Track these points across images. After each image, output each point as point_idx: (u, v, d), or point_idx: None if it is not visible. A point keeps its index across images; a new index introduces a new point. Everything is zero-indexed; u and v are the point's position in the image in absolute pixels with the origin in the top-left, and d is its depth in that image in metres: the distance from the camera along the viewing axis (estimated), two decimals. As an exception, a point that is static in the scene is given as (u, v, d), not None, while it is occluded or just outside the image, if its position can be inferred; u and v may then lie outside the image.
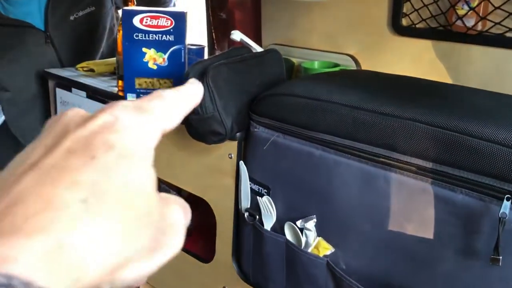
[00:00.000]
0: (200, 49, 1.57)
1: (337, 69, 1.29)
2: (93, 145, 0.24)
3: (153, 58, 1.11)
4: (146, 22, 1.09)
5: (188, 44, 1.62)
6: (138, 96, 1.14)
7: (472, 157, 0.65)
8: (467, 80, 1.13)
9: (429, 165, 0.69)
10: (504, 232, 0.62)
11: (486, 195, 0.64)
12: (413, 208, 0.71)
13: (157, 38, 1.10)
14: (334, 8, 1.33)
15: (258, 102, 0.91)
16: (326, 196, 0.82)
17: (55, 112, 1.49)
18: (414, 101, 0.78)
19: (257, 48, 1.41)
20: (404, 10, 1.19)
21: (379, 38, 1.26)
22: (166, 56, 1.11)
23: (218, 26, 1.63)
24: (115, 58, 1.38)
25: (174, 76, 1.13)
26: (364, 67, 1.32)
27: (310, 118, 0.82)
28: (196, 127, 0.92)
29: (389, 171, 0.73)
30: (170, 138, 1.12)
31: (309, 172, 0.84)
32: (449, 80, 1.16)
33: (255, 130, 0.91)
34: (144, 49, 1.10)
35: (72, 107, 0.28)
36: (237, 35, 1.36)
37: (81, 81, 1.37)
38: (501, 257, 0.62)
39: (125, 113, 0.26)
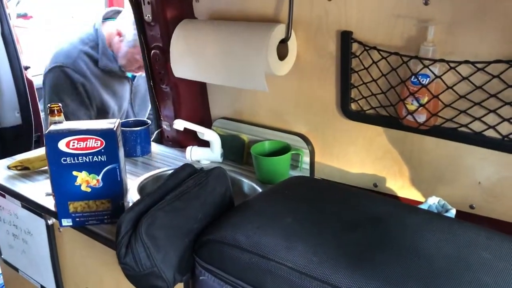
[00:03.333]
0: (145, 130, 1.47)
1: (288, 155, 1.22)
2: None
3: (85, 180, 1.01)
4: (73, 145, 0.98)
5: (131, 121, 1.53)
6: (74, 221, 1.04)
7: None
8: (422, 168, 1.08)
9: None
10: None
11: None
12: None
13: (87, 160, 1.00)
14: (278, 88, 1.26)
15: (202, 247, 0.83)
16: None
17: (-8, 214, 1.37)
18: (367, 259, 0.71)
19: (204, 131, 1.33)
20: (352, 95, 1.13)
21: (330, 120, 1.20)
22: (100, 177, 1.01)
23: (163, 98, 1.53)
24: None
25: (111, 196, 1.03)
26: (316, 147, 1.26)
27: (258, 278, 0.75)
28: (134, 283, 0.84)
29: None
30: (113, 264, 1.03)
31: (262, 331, 0.76)
32: (404, 166, 1.11)
33: (201, 278, 0.83)
34: (74, 173, 1.00)
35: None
36: (179, 124, 1.28)
37: (14, 186, 1.25)
38: None
39: None
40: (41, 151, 1.41)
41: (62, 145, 0.98)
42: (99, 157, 1.00)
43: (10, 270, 1.39)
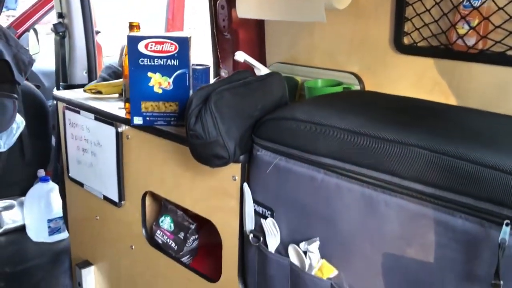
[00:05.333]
0: (206, 69, 1.59)
1: (339, 88, 1.31)
2: None
3: (158, 82, 1.13)
4: (151, 48, 1.11)
5: (193, 65, 1.65)
6: (144, 120, 1.16)
7: (471, 183, 0.66)
8: (469, 97, 1.14)
9: (429, 190, 0.69)
10: (504, 257, 0.62)
11: (486, 220, 0.65)
12: (413, 232, 0.72)
13: (162, 63, 1.12)
14: (334, 27, 1.35)
15: (261, 126, 0.93)
16: (329, 219, 0.82)
17: (64, 133, 1.52)
18: (414, 126, 0.79)
19: (261, 68, 1.43)
20: (406, 29, 1.20)
21: (382, 56, 1.28)
22: (171, 80, 1.13)
23: (223, 46, 1.66)
24: (122, 80, 1.41)
25: (179, 99, 1.15)
26: (367, 84, 1.33)
27: (311, 142, 0.83)
28: (199, 151, 0.94)
29: (389, 195, 0.74)
30: (176, 160, 1.14)
31: (312, 195, 0.85)
32: (451, 97, 1.17)
33: (258, 153, 0.93)
34: (149, 74, 1.13)
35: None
36: (240, 56, 1.39)
37: (89, 103, 1.40)
38: (502, 283, 0.62)
39: None
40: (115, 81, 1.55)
41: (141, 46, 1.11)
42: (172, 61, 1.12)
43: (75, 187, 1.53)
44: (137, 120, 1.17)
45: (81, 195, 1.52)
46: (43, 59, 3.13)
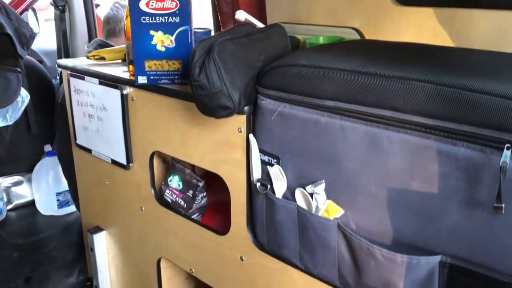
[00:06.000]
0: (207, 33, 1.59)
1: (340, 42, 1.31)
2: None
3: (160, 40, 1.14)
4: (152, 5, 1.11)
5: (195, 28, 1.65)
6: (148, 79, 1.17)
7: (472, 111, 0.67)
8: (470, 44, 1.14)
9: (431, 122, 0.71)
10: (505, 180, 0.64)
11: (487, 147, 0.66)
12: (417, 165, 0.73)
13: (163, 20, 1.13)
14: (336, -18, 1.35)
15: (264, 75, 0.94)
16: (334, 160, 0.84)
17: (70, 100, 1.54)
18: (415, 63, 0.80)
19: (262, 26, 1.43)
20: (405, -21, 1.20)
21: (382, 9, 1.28)
22: (173, 38, 1.14)
23: (223, 9, 1.66)
24: (124, 45, 1.42)
25: (182, 57, 1.16)
26: (368, 38, 1.33)
27: (314, 86, 0.85)
28: (204, 103, 0.95)
29: (392, 131, 0.75)
30: (181, 117, 1.15)
31: (316, 139, 0.86)
32: (452, 46, 1.18)
33: (262, 102, 0.94)
34: (151, 32, 1.13)
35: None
36: (241, 14, 1.39)
37: (93, 69, 1.41)
38: (503, 205, 0.64)
39: None
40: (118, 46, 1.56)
41: (142, 4, 1.12)
42: (173, 18, 1.13)
43: (83, 154, 1.56)
44: (141, 80, 1.18)
45: (90, 161, 1.54)
46: (43, 41, 3.14)
